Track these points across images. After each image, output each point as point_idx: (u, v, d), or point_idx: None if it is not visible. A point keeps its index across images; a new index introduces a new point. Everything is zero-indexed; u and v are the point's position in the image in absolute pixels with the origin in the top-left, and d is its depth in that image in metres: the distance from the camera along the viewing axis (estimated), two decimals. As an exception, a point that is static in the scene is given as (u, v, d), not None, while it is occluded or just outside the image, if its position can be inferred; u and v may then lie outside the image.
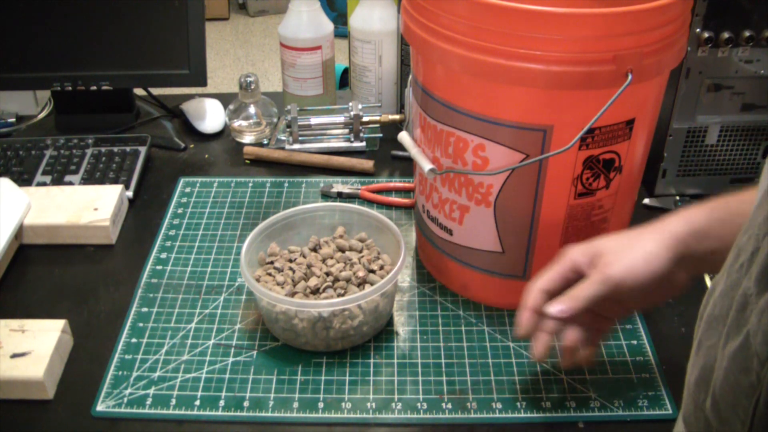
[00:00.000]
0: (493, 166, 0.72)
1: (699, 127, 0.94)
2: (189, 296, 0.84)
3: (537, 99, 0.67)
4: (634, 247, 0.62)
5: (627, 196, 0.77)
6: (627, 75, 0.64)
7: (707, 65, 0.89)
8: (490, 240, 0.77)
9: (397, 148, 1.09)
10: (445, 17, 0.67)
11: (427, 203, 0.82)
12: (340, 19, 3.29)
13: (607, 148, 0.70)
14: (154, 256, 0.90)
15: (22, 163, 1.03)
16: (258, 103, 1.12)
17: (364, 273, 0.79)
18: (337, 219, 0.86)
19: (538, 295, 0.64)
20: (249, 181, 1.04)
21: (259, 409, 0.71)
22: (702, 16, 0.85)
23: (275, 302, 0.73)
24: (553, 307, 0.62)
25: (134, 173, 1.02)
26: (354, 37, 1.11)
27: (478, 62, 0.66)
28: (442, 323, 0.81)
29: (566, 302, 0.62)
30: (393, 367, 0.76)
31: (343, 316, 0.73)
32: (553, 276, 0.65)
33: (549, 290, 0.64)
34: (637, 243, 0.62)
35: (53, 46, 1.06)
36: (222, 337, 0.79)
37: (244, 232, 0.94)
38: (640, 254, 0.61)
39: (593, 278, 0.62)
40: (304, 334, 0.75)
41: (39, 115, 1.20)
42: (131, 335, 0.79)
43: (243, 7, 3.89)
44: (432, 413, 0.71)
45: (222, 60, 3.36)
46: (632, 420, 0.70)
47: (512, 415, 0.71)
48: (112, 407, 0.71)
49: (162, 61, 1.07)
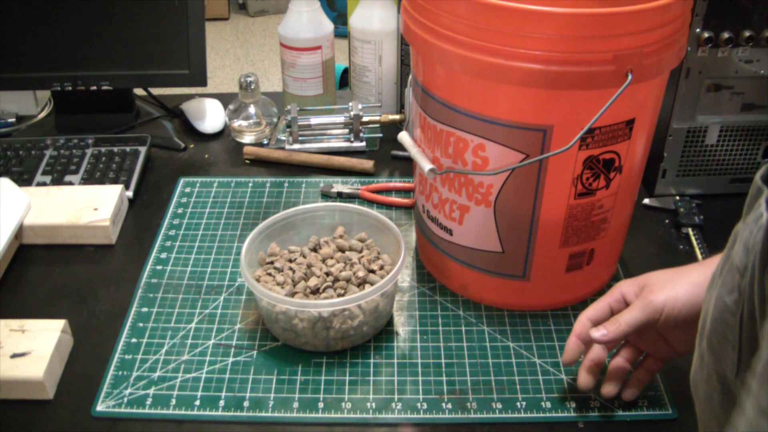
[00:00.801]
0: (493, 166, 0.72)
1: (699, 127, 0.94)
2: (189, 296, 0.84)
3: (537, 99, 0.67)
4: (680, 277, 0.65)
5: (627, 196, 0.77)
6: (627, 75, 0.64)
7: (707, 65, 0.89)
8: (490, 240, 0.77)
9: (397, 148, 1.09)
10: (445, 17, 0.67)
11: (427, 203, 0.82)
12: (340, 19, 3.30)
13: (607, 148, 0.70)
14: (154, 256, 0.90)
15: (22, 163, 1.03)
16: (258, 103, 1.12)
17: (364, 273, 0.79)
18: (337, 219, 0.86)
19: (585, 323, 0.67)
20: (249, 181, 1.04)
21: (259, 409, 0.71)
22: (702, 16, 0.85)
23: (275, 302, 0.73)
24: (596, 331, 0.65)
25: (134, 173, 1.02)
26: (354, 37, 1.11)
27: (478, 62, 0.66)
28: (442, 323, 0.81)
29: (609, 327, 0.65)
30: (393, 367, 0.76)
31: (343, 316, 0.73)
32: (601, 305, 0.68)
33: (596, 319, 0.67)
34: (684, 274, 0.65)
35: (53, 46, 1.06)
36: (222, 337, 0.79)
37: (244, 232, 0.94)
38: (684, 283, 0.64)
39: (636, 304, 0.65)
40: (303, 334, 0.75)
41: (39, 115, 1.20)
42: (131, 335, 0.79)
43: (243, 7, 3.89)
44: (432, 413, 0.71)
45: (222, 60, 3.36)
46: (632, 420, 0.70)
47: (512, 415, 0.71)
48: (112, 407, 0.71)
49: (162, 61, 1.07)
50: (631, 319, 0.64)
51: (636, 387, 0.70)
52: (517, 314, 0.81)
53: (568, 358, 0.68)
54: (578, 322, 0.67)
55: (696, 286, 0.63)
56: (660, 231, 0.95)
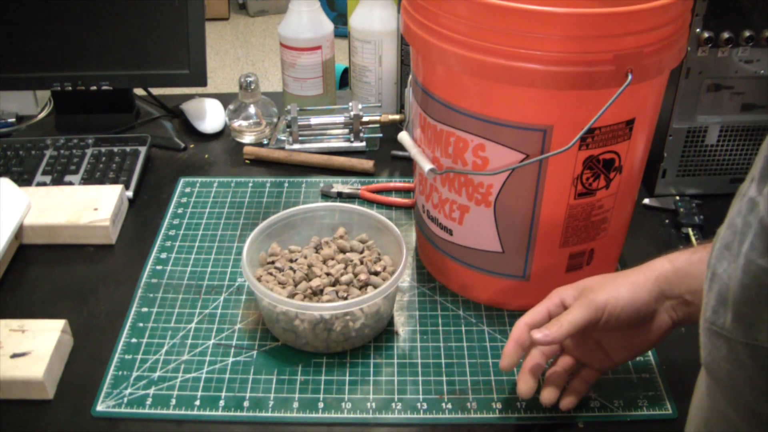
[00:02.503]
0: (493, 166, 0.72)
1: (699, 127, 0.94)
2: (189, 296, 0.84)
3: (537, 99, 0.67)
4: (621, 278, 0.65)
5: (627, 196, 0.77)
6: (627, 75, 0.64)
7: (707, 65, 0.89)
8: (490, 240, 0.77)
9: (397, 148, 1.09)
10: (445, 17, 0.67)
11: (427, 203, 0.82)
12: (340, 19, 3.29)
13: (607, 148, 0.70)
14: (154, 256, 0.90)
15: (22, 163, 1.03)
16: (258, 103, 1.12)
17: (366, 276, 0.78)
18: (337, 219, 0.86)
19: (523, 328, 0.65)
20: (249, 181, 1.04)
21: (259, 409, 0.71)
22: (702, 16, 0.85)
23: (277, 303, 0.73)
24: (538, 332, 0.63)
25: (134, 173, 1.02)
26: (354, 37, 1.11)
27: (478, 62, 0.66)
28: (442, 323, 0.81)
29: (550, 327, 0.63)
30: (393, 367, 0.76)
31: (345, 319, 0.73)
32: (539, 310, 0.66)
33: (534, 324, 0.65)
34: (623, 276, 0.65)
35: (53, 46, 1.06)
36: (222, 337, 0.79)
37: (244, 232, 0.94)
38: (624, 283, 0.64)
39: (577, 304, 0.64)
40: (304, 335, 0.75)
41: (39, 115, 1.20)
42: (131, 335, 0.79)
43: (243, 7, 3.89)
44: (432, 413, 0.71)
45: (222, 60, 3.36)
46: (632, 420, 0.70)
47: (512, 415, 0.71)
48: (112, 407, 0.71)
49: (162, 61, 1.07)
50: (573, 318, 0.63)
51: (574, 396, 0.69)
52: (517, 314, 0.81)
53: (506, 364, 0.65)
54: (516, 328, 0.65)
55: (637, 286, 0.63)
56: (660, 231, 0.95)
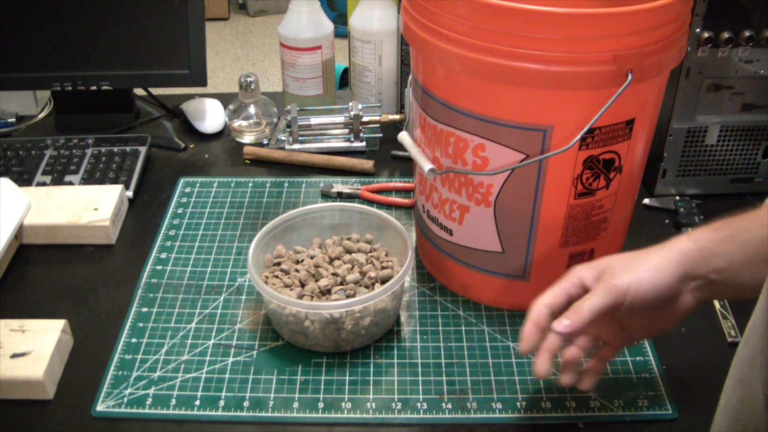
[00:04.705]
0: (493, 166, 0.72)
1: (699, 127, 0.94)
2: (189, 296, 0.84)
3: (537, 99, 0.67)
4: (641, 260, 0.62)
5: (627, 196, 0.77)
6: (627, 75, 0.64)
7: (707, 65, 0.89)
8: (490, 240, 0.77)
9: (397, 148, 1.09)
10: (445, 17, 0.67)
11: (427, 203, 0.82)
12: (340, 19, 3.29)
13: (607, 148, 0.70)
14: (154, 256, 0.90)
15: (22, 163, 1.03)
16: (258, 103, 1.12)
17: (376, 273, 0.78)
18: (338, 219, 0.86)
19: (542, 309, 0.63)
20: (249, 181, 1.04)
21: (259, 409, 0.71)
22: (702, 16, 0.85)
23: (286, 305, 0.73)
24: (559, 324, 0.60)
25: (134, 173, 1.02)
26: (354, 37, 1.11)
27: (478, 62, 0.66)
28: (442, 323, 0.81)
29: (571, 317, 0.60)
30: (393, 368, 0.76)
31: (355, 318, 0.73)
32: (557, 291, 0.63)
33: (553, 305, 0.63)
34: (645, 258, 0.62)
35: (53, 46, 1.06)
36: (222, 337, 0.79)
37: (244, 232, 0.94)
38: (646, 266, 0.61)
39: (598, 289, 0.61)
40: (314, 335, 0.75)
41: (39, 115, 1.20)
42: (131, 335, 0.79)
43: (243, 7, 3.89)
44: (432, 413, 0.71)
45: (222, 60, 3.36)
46: (632, 420, 0.70)
47: (512, 415, 0.71)
48: (112, 407, 0.71)
49: (162, 61, 1.07)
50: (594, 305, 0.60)
51: (592, 376, 0.66)
52: (517, 314, 0.81)
53: (526, 347, 0.62)
54: (534, 309, 0.63)
55: (658, 269, 0.61)
56: (660, 231, 0.95)
